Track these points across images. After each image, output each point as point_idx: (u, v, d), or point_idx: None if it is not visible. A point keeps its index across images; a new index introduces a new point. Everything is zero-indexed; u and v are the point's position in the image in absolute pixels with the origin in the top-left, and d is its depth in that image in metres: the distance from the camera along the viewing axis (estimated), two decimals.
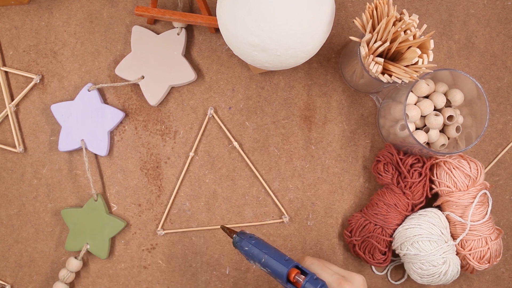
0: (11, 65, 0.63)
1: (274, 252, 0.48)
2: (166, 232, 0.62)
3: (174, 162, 0.62)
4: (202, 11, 0.58)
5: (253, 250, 0.49)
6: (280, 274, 0.46)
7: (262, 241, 0.50)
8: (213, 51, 0.63)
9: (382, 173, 0.58)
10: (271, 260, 0.47)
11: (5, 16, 0.63)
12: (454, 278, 0.56)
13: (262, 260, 0.48)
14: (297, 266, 0.47)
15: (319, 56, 0.62)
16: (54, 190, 0.62)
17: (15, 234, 0.62)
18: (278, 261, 0.47)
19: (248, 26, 0.48)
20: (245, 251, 0.49)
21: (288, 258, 0.47)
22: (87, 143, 0.61)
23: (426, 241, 0.55)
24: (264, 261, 0.48)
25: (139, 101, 0.62)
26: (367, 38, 0.50)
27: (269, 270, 0.47)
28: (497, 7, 0.63)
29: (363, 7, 0.63)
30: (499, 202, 0.62)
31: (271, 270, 0.47)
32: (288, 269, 0.46)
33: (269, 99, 0.62)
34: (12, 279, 0.62)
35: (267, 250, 0.48)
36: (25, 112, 0.63)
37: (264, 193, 0.62)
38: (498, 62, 0.63)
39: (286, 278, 0.46)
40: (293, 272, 0.46)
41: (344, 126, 0.62)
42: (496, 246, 0.57)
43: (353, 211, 0.62)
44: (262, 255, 0.48)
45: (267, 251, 0.48)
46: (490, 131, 0.63)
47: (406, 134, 0.54)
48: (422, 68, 0.50)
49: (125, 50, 0.63)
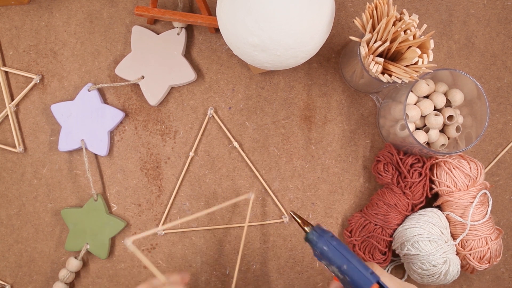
0: (11, 65, 0.63)
1: (358, 262, 0.44)
2: (166, 232, 0.62)
3: (174, 162, 0.62)
4: (202, 11, 0.58)
5: (333, 253, 0.44)
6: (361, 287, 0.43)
7: (342, 243, 0.45)
8: (213, 51, 0.63)
9: (382, 173, 0.58)
10: (355, 270, 0.43)
11: (5, 16, 0.63)
12: (454, 278, 0.56)
13: (343, 267, 0.44)
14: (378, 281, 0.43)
15: (319, 56, 0.62)
16: (54, 190, 0.62)
17: (15, 234, 0.62)
18: (362, 273, 0.43)
19: (248, 26, 0.48)
20: (322, 251, 0.45)
21: (372, 271, 0.43)
22: (87, 143, 0.61)
23: (426, 241, 0.55)
24: (345, 268, 0.43)
25: (139, 101, 0.62)
26: (367, 38, 0.50)
27: (348, 279, 0.43)
28: (497, 7, 0.63)
29: (363, 7, 0.63)
30: (499, 202, 0.62)
31: (352, 280, 0.43)
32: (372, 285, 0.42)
33: (269, 99, 0.62)
34: (12, 279, 0.62)
35: (350, 257, 0.44)
36: (25, 112, 0.63)
37: (264, 193, 0.62)
38: (498, 62, 0.63)
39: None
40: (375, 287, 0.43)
41: (344, 126, 0.62)
42: (496, 246, 0.57)
43: (353, 211, 0.62)
44: (345, 261, 0.44)
45: (350, 258, 0.44)
46: (490, 131, 0.63)
47: (406, 134, 0.54)
48: (422, 68, 0.50)
49: (125, 50, 0.63)
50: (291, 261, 0.61)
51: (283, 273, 0.61)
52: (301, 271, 0.61)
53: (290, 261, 0.61)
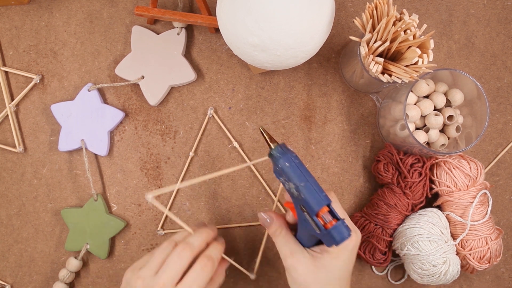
0: (11, 65, 0.63)
1: (315, 183, 0.45)
2: (166, 232, 0.62)
3: (174, 162, 0.62)
4: (202, 11, 0.58)
5: (294, 170, 0.45)
6: (312, 207, 0.44)
7: (303, 164, 0.46)
8: (213, 51, 0.63)
9: (382, 173, 0.58)
10: (310, 190, 0.44)
11: (5, 16, 0.63)
12: (454, 278, 0.56)
13: (300, 184, 0.44)
14: (329, 204, 0.44)
15: (319, 56, 0.62)
16: (54, 190, 0.62)
17: (15, 234, 0.62)
18: (317, 193, 0.44)
19: (248, 26, 0.48)
20: (283, 167, 0.45)
21: (325, 194, 0.45)
22: (87, 143, 0.61)
23: (426, 241, 0.55)
24: (302, 187, 0.44)
25: (139, 101, 0.62)
26: (367, 38, 0.50)
27: (302, 196, 0.44)
28: (497, 7, 0.63)
29: (363, 7, 0.63)
30: (499, 202, 0.62)
31: (304, 198, 0.44)
32: (323, 206, 0.44)
33: (269, 99, 0.62)
34: (12, 279, 0.62)
35: (309, 177, 0.45)
36: (25, 112, 0.63)
37: (264, 193, 0.62)
38: (498, 62, 0.63)
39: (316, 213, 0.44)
40: (323, 209, 0.44)
41: (344, 126, 0.62)
42: (496, 246, 0.57)
43: (353, 211, 0.62)
44: (303, 180, 0.45)
45: (309, 178, 0.45)
46: (490, 131, 0.63)
47: (406, 134, 0.54)
48: (422, 68, 0.50)
49: (125, 50, 0.63)
50: None
51: (283, 273, 0.61)
52: None
53: None
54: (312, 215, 0.44)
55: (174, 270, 0.46)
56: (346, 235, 0.43)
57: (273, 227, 0.49)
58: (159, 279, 0.46)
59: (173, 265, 0.46)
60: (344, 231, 0.43)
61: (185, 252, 0.47)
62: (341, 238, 0.43)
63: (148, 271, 0.47)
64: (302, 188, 0.44)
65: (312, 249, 0.47)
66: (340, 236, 0.43)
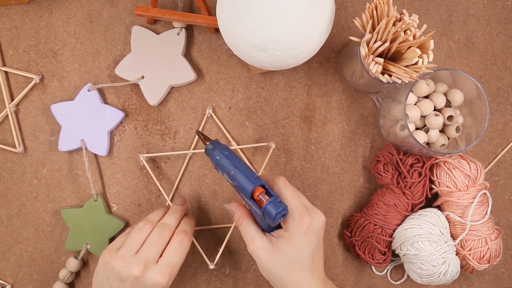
0: (11, 65, 0.63)
1: (245, 168, 0.48)
2: None
3: (174, 162, 0.62)
4: (202, 11, 0.58)
5: (224, 161, 0.49)
6: (246, 190, 0.47)
7: (235, 154, 0.50)
8: (213, 51, 0.63)
9: (382, 173, 0.58)
10: (240, 175, 0.47)
11: (5, 16, 0.63)
12: (454, 278, 0.56)
13: (231, 173, 0.48)
14: (263, 185, 0.47)
15: (319, 56, 0.62)
16: (54, 190, 0.62)
17: (15, 234, 0.62)
18: (246, 177, 0.47)
19: (248, 26, 0.48)
20: (216, 160, 0.49)
21: (257, 176, 0.48)
22: (87, 143, 0.61)
23: (426, 241, 0.55)
24: (232, 174, 0.48)
25: (139, 101, 0.62)
26: (367, 38, 0.50)
27: (235, 183, 0.48)
28: (497, 7, 0.63)
29: (363, 7, 0.63)
30: (499, 202, 0.63)
31: (238, 184, 0.47)
32: (254, 187, 0.46)
33: (269, 99, 0.62)
34: (12, 279, 0.62)
35: (238, 164, 0.48)
36: (25, 112, 0.63)
37: None
38: (498, 62, 0.63)
39: (250, 195, 0.47)
40: (258, 190, 0.46)
41: (344, 126, 0.62)
42: (496, 246, 0.57)
43: (353, 211, 0.62)
44: (232, 167, 0.48)
45: (238, 165, 0.48)
46: (490, 131, 0.63)
47: (406, 134, 0.54)
48: (422, 68, 0.50)
49: (125, 50, 0.63)
50: None
51: None
52: None
53: None
54: (248, 198, 0.47)
55: (155, 248, 0.50)
56: (281, 210, 0.45)
57: (236, 216, 0.51)
58: (141, 256, 0.49)
59: (155, 244, 0.50)
60: (277, 206, 0.45)
61: (165, 232, 0.51)
62: (276, 214, 0.45)
63: (128, 251, 0.49)
64: (233, 176, 0.48)
65: (271, 234, 0.49)
66: (274, 211, 0.45)
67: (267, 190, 0.47)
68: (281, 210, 0.46)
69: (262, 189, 0.47)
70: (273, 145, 0.61)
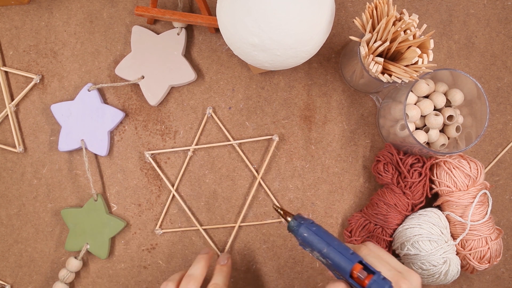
0: (11, 65, 0.63)
1: (338, 244, 0.44)
2: (165, 231, 0.62)
3: (174, 162, 0.62)
4: (202, 11, 0.58)
5: (312, 238, 0.45)
6: (343, 269, 0.43)
7: (322, 228, 0.46)
8: (213, 51, 0.63)
9: (382, 173, 0.58)
10: (334, 252, 0.44)
11: (5, 16, 0.63)
12: (454, 278, 0.56)
13: (323, 250, 0.44)
14: (360, 261, 0.43)
15: (319, 56, 0.62)
16: (54, 190, 0.62)
17: (15, 234, 0.62)
18: (342, 254, 0.43)
19: (248, 26, 0.48)
20: (303, 238, 0.45)
21: (352, 252, 0.44)
22: (87, 143, 0.61)
23: (426, 241, 0.55)
24: (325, 252, 0.44)
25: (139, 101, 0.62)
26: (367, 38, 0.50)
27: (330, 262, 0.44)
28: (497, 7, 0.63)
29: (363, 7, 0.63)
30: (499, 202, 0.62)
31: (333, 262, 0.44)
32: (353, 265, 0.43)
33: (269, 99, 0.62)
34: (12, 279, 0.62)
35: (330, 240, 0.45)
36: (25, 112, 0.63)
37: (264, 193, 0.62)
38: (498, 62, 0.63)
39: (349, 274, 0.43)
40: (357, 268, 0.43)
41: (344, 126, 0.62)
42: (496, 246, 0.57)
43: (353, 211, 0.62)
44: (324, 245, 0.44)
45: (330, 241, 0.44)
46: (490, 131, 0.63)
47: (406, 134, 0.54)
48: (422, 68, 0.50)
49: (125, 50, 0.63)
50: (291, 261, 0.61)
51: (283, 273, 0.61)
52: (301, 271, 0.61)
53: (290, 261, 0.61)
54: (347, 277, 0.43)
55: None
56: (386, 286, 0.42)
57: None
58: None
59: None
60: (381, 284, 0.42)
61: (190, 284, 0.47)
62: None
63: None
64: (326, 254, 0.44)
65: None
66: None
67: (365, 265, 0.43)
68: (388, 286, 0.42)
69: (360, 266, 0.43)
70: (277, 138, 0.61)
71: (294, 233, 0.47)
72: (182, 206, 0.61)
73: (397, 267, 0.46)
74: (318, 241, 0.44)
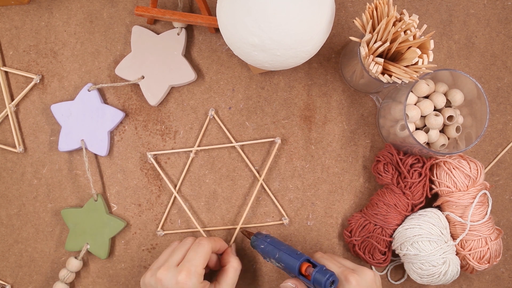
0: (11, 65, 0.63)
1: (287, 248, 0.52)
2: (166, 232, 0.62)
3: (174, 162, 0.62)
4: (202, 11, 0.58)
5: (268, 248, 0.53)
6: (293, 267, 0.50)
7: (276, 239, 0.54)
8: (213, 51, 0.63)
9: (382, 173, 0.58)
10: (284, 255, 0.51)
11: (5, 16, 0.63)
12: (454, 278, 0.56)
13: (276, 256, 0.52)
14: (308, 259, 0.50)
15: (319, 56, 0.62)
16: (54, 190, 0.62)
17: (15, 234, 0.62)
18: (291, 255, 0.50)
19: (248, 26, 0.48)
20: (261, 249, 0.54)
21: (299, 252, 0.51)
22: (87, 143, 0.61)
23: (426, 241, 0.55)
24: (278, 256, 0.51)
25: (139, 101, 0.62)
26: (367, 38, 0.50)
27: (283, 264, 0.51)
28: (497, 7, 0.63)
29: (363, 7, 0.63)
30: (499, 202, 0.63)
31: (285, 264, 0.51)
32: (299, 262, 0.49)
33: (269, 99, 0.62)
34: (12, 279, 0.62)
35: (281, 246, 0.52)
36: (25, 112, 0.63)
37: (264, 193, 0.62)
38: (498, 62, 0.63)
39: (298, 271, 0.49)
40: (304, 265, 0.49)
41: (344, 126, 0.62)
42: (496, 246, 0.57)
43: (353, 211, 0.62)
44: (276, 251, 0.52)
45: (281, 247, 0.52)
46: (490, 131, 0.63)
47: (406, 134, 0.54)
48: (422, 68, 0.50)
49: (125, 50, 0.63)
50: None
51: (283, 273, 0.61)
52: None
53: None
54: (296, 274, 0.49)
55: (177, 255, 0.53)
56: (329, 277, 0.47)
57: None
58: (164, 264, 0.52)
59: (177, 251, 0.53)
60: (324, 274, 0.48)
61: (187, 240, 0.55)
62: (324, 281, 0.47)
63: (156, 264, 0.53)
64: (279, 258, 0.51)
65: None
66: (323, 278, 0.47)
67: (312, 263, 0.50)
68: (329, 276, 0.47)
69: (308, 263, 0.50)
70: (279, 141, 0.61)
71: (255, 247, 0.55)
72: (183, 207, 0.62)
73: (350, 265, 0.52)
74: (271, 249, 0.53)
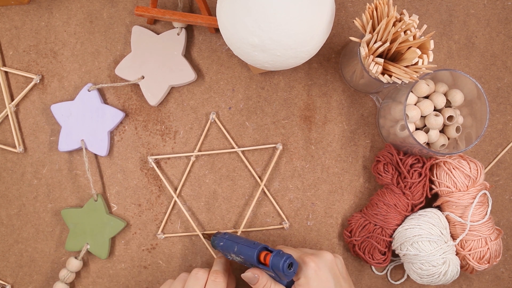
0: (11, 65, 0.63)
1: (245, 240, 0.52)
2: (167, 236, 0.62)
3: (174, 162, 0.62)
4: (202, 11, 0.58)
5: (226, 243, 0.53)
6: (251, 256, 0.49)
7: (234, 235, 0.54)
8: (213, 51, 0.63)
9: (382, 173, 0.58)
10: (242, 247, 0.51)
11: (5, 16, 0.63)
12: (454, 278, 0.56)
13: (235, 249, 0.51)
14: (266, 247, 0.50)
15: (319, 56, 0.62)
16: (54, 190, 0.62)
17: (15, 234, 0.62)
18: (248, 246, 0.50)
19: (248, 26, 0.48)
20: (221, 247, 0.54)
21: (257, 242, 0.51)
22: (87, 143, 0.61)
23: (426, 242, 0.55)
24: (236, 250, 0.51)
25: (139, 101, 0.62)
26: (367, 38, 0.50)
27: (242, 257, 0.50)
28: (497, 7, 0.63)
29: (363, 7, 0.63)
30: (499, 202, 0.63)
31: (244, 256, 0.50)
32: (257, 251, 0.49)
33: (269, 99, 0.62)
34: (12, 279, 0.62)
35: (238, 240, 0.52)
36: (25, 112, 0.63)
37: (263, 193, 0.62)
38: (498, 62, 0.63)
39: (257, 260, 0.49)
40: (263, 254, 0.49)
41: (344, 126, 0.62)
42: (496, 246, 0.57)
43: (353, 211, 0.62)
44: (235, 244, 0.52)
45: (238, 240, 0.52)
46: (490, 131, 0.63)
47: (406, 134, 0.54)
48: (422, 69, 0.50)
49: (125, 50, 0.63)
50: None
51: None
52: None
53: None
54: (255, 263, 0.49)
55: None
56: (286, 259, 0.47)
57: (262, 282, 0.50)
58: None
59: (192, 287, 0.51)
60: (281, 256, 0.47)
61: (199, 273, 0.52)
62: (282, 263, 0.47)
63: None
64: (238, 251, 0.51)
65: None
66: (280, 261, 0.47)
67: (270, 250, 0.49)
68: (286, 258, 0.47)
69: (267, 251, 0.49)
70: (281, 147, 0.61)
71: (215, 246, 0.55)
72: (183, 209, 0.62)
73: (309, 251, 0.52)
74: (230, 244, 0.53)
